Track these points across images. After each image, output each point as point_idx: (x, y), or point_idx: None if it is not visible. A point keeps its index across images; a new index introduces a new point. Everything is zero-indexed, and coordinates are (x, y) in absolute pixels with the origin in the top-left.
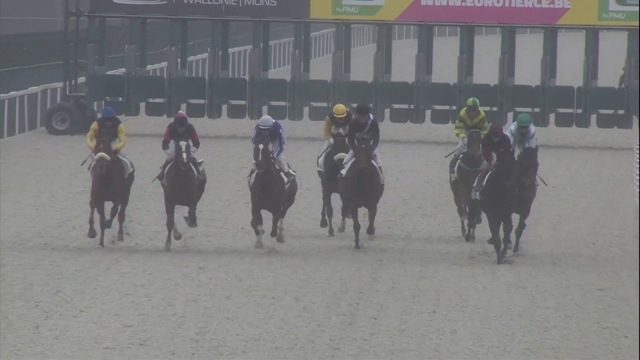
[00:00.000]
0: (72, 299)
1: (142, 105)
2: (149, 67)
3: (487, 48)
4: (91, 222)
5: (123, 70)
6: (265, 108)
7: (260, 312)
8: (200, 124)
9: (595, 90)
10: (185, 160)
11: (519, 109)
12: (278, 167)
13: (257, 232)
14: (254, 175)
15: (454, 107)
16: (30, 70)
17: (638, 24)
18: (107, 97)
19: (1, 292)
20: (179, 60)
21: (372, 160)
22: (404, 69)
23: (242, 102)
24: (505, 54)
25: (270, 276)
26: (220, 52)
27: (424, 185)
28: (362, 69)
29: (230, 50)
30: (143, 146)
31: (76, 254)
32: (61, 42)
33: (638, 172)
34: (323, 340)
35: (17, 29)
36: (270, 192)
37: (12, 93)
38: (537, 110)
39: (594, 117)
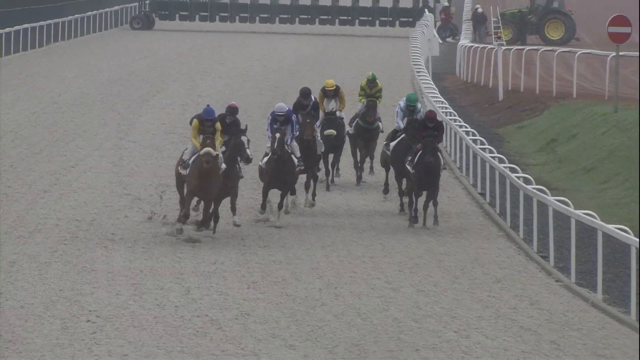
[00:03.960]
0: None
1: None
2: None
3: None
4: (182, 203)
5: None
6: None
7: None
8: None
9: (397, 9)
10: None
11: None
12: (290, 151)
13: (262, 207)
14: (267, 158)
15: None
16: None
17: None
18: (162, 11)
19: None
20: None
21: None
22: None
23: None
24: None
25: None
26: None
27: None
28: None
29: None
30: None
31: (140, 103)
32: None
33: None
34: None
35: None
36: (282, 173)
37: (106, 9)
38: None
39: (398, 22)
